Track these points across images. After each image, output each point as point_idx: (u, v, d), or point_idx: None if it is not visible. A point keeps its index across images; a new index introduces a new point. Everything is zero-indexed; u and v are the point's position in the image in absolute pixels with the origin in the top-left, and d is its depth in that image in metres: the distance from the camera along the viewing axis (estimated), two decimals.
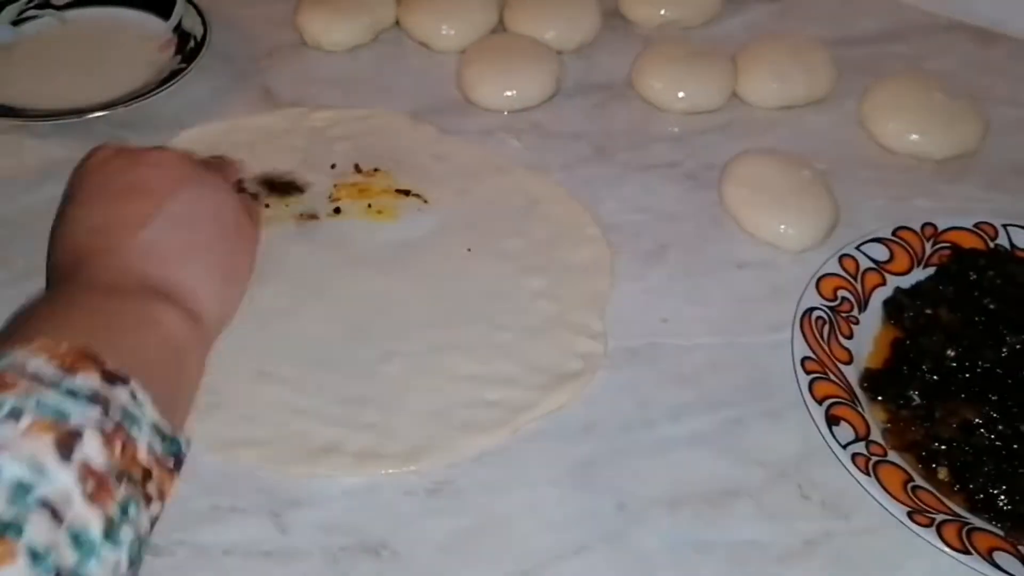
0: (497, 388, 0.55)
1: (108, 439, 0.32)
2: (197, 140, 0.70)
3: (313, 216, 0.64)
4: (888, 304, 0.60)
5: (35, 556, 0.28)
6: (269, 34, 0.82)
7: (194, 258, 0.44)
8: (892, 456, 0.51)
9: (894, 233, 0.63)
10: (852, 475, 0.50)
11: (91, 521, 0.30)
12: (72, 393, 0.32)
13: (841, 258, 0.61)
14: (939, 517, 0.48)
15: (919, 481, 0.50)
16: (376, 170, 0.68)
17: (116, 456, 0.32)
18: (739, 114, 0.76)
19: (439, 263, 0.62)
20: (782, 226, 0.65)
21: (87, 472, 0.30)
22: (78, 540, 0.29)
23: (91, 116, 0.70)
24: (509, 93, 0.75)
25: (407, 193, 0.66)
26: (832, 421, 0.52)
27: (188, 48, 0.76)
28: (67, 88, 0.74)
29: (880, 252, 0.62)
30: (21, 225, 0.63)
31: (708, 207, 0.68)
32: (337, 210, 0.65)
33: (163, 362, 0.40)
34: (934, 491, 0.50)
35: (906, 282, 0.61)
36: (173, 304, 0.41)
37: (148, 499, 0.33)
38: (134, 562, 0.31)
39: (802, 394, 0.53)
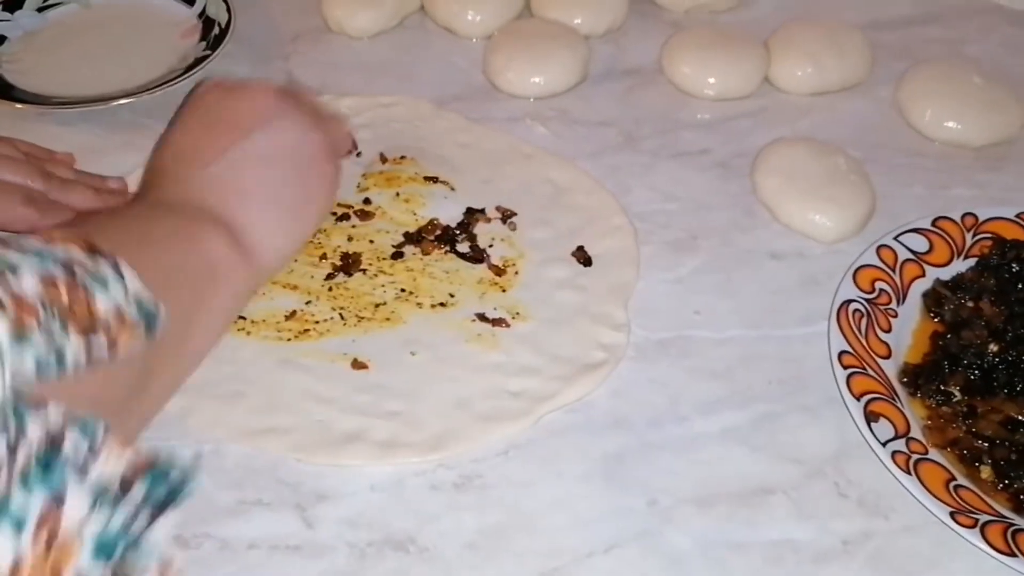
0: (519, 378, 0.54)
1: (50, 282, 0.31)
2: None
3: (346, 210, 0.63)
4: (928, 296, 0.58)
5: None
6: (293, 20, 0.81)
7: (259, 195, 0.45)
8: (933, 454, 0.50)
9: (933, 223, 0.61)
10: (892, 474, 0.48)
11: None
12: (39, 254, 0.32)
13: (879, 249, 0.59)
14: (983, 518, 0.47)
15: (961, 480, 0.49)
16: (403, 158, 0.67)
17: (56, 297, 0.31)
18: (771, 100, 0.74)
19: (463, 250, 0.62)
20: (816, 216, 0.63)
21: (8, 295, 0.30)
22: None
23: (116, 103, 0.69)
24: (536, 79, 0.73)
25: (435, 180, 0.65)
26: (871, 417, 0.51)
27: (213, 35, 0.75)
28: (92, 75, 0.73)
29: (919, 243, 0.60)
30: None
31: (740, 196, 0.67)
32: (367, 200, 0.64)
33: (191, 277, 0.41)
34: (977, 490, 0.49)
35: (946, 274, 0.59)
36: (223, 231, 0.43)
37: (89, 336, 0.32)
38: (42, 370, 0.30)
39: (839, 389, 0.52)
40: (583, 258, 0.61)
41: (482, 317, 0.57)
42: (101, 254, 0.34)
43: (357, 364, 0.55)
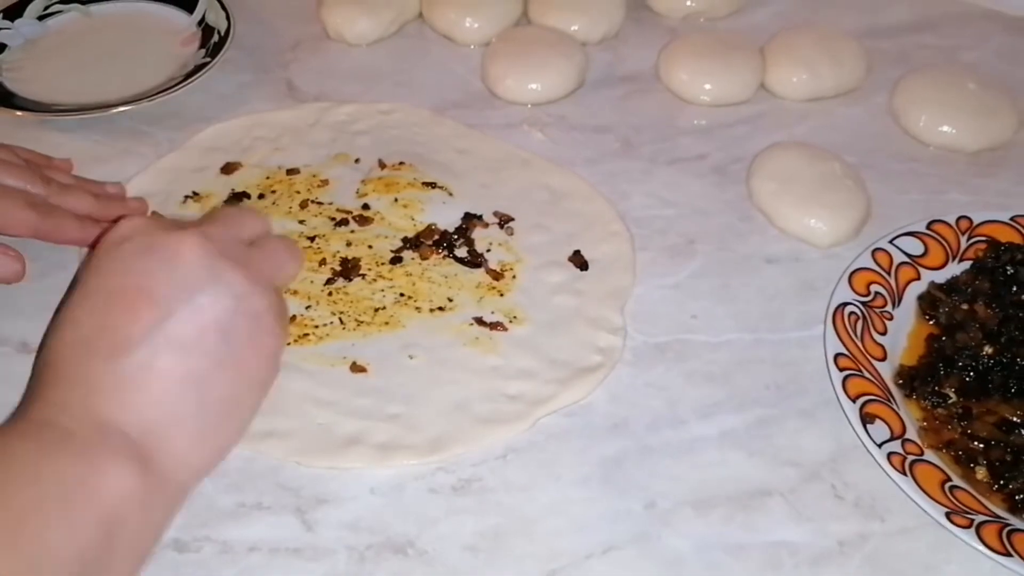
0: (517, 381, 0.55)
1: None
2: (222, 135, 0.70)
3: (345, 216, 0.64)
4: (923, 299, 0.59)
5: None
6: (292, 28, 0.81)
7: (180, 393, 0.37)
8: (928, 455, 0.50)
9: (928, 227, 0.62)
10: (888, 475, 0.49)
11: None
12: None
13: (874, 252, 0.60)
14: (978, 518, 0.47)
15: (957, 481, 0.49)
16: (401, 163, 0.67)
17: None
18: (767, 106, 0.75)
19: (461, 255, 0.62)
20: (812, 220, 0.63)
21: None
22: None
23: (116, 111, 0.70)
24: (533, 86, 0.74)
25: (433, 186, 0.66)
26: (867, 419, 0.51)
27: (212, 42, 0.76)
28: (92, 82, 0.74)
29: (914, 246, 0.61)
30: None
31: (736, 201, 0.67)
32: (366, 206, 0.65)
33: (87, 541, 0.34)
34: (972, 491, 0.49)
35: (941, 277, 0.60)
36: (129, 463, 0.36)
37: None
38: None
39: (835, 392, 0.52)
40: (580, 262, 0.61)
41: (480, 321, 0.58)
42: None
43: (356, 368, 0.55)
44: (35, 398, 0.38)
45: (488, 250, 0.62)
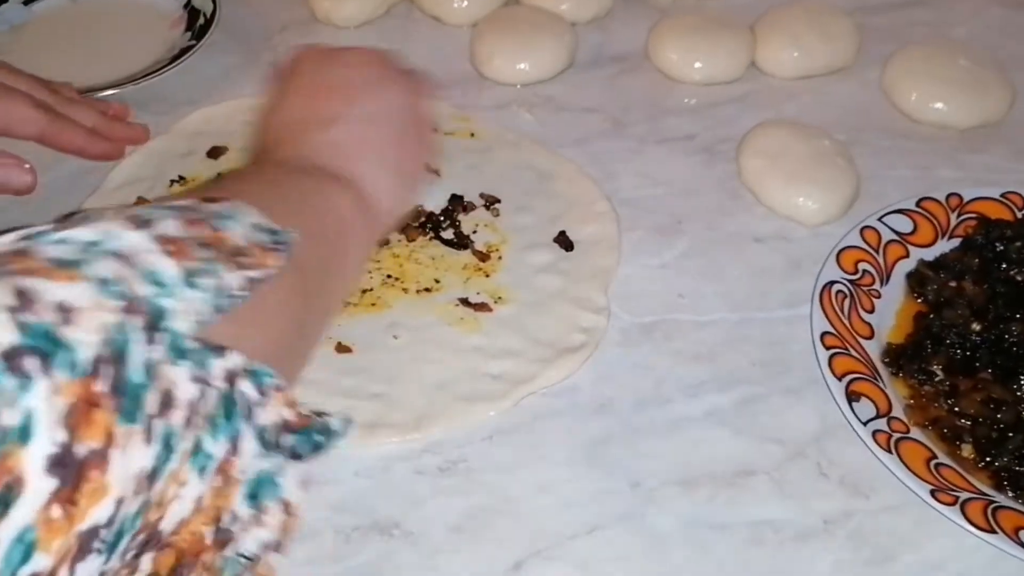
0: (500, 361, 0.55)
1: (187, 222, 0.32)
2: (209, 119, 0.70)
3: None
4: (911, 277, 0.58)
5: (103, 282, 0.27)
6: (280, 10, 0.81)
7: (372, 154, 0.47)
8: (915, 433, 0.50)
9: (918, 204, 0.61)
10: (873, 453, 0.49)
11: (166, 267, 0.30)
12: (167, 207, 0.33)
13: (862, 230, 0.59)
14: (963, 495, 0.47)
15: (943, 458, 0.49)
16: None
17: (196, 232, 0.32)
18: (757, 85, 0.74)
19: (447, 237, 0.62)
20: (801, 199, 0.63)
21: (163, 239, 0.30)
22: (153, 278, 0.29)
23: (102, 94, 0.69)
24: (522, 66, 0.73)
25: None
26: (852, 397, 0.51)
27: (198, 25, 0.75)
28: (78, 66, 0.73)
29: (903, 224, 0.60)
30: (37, 202, 0.63)
31: (725, 180, 0.67)
32: None
33: (327, 233, 0.42)
34: (958, 468, 0.49)
35: (930, 254, 0.59)
36: (348, 190, 0.44)
37: (240, 265, 0.32)
38: (220, 309, 0.31)
39: (821, 370, 0.52)
40: (565, 243, 0.61)
41: (465, 302, 0.58)
42: (217, 200, 0.35)
43: (341, 348, 0.55)
44: (267, 155, 0.46)
45: (474, 231, 0.62)
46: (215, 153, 0.67)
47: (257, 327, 0.34)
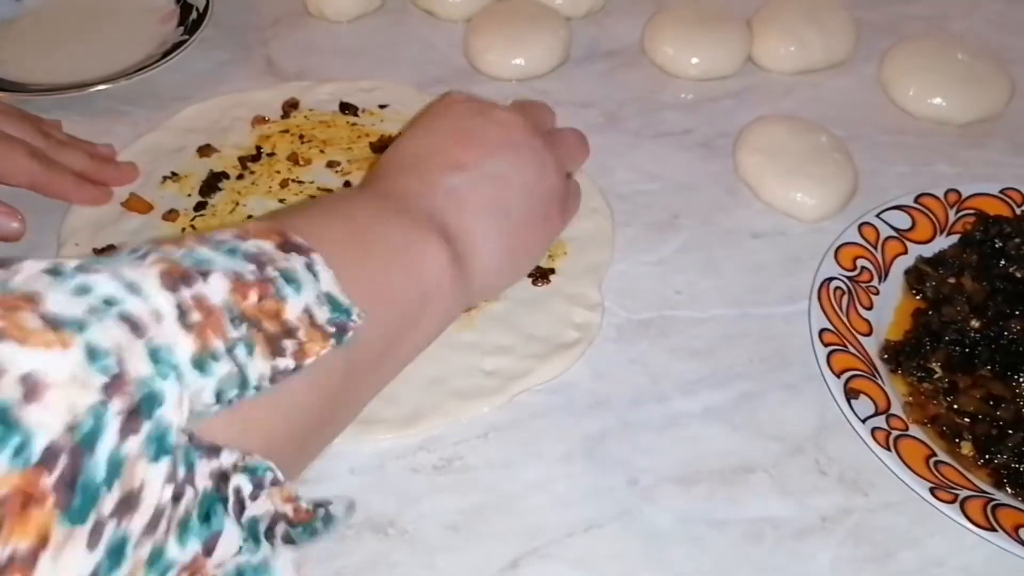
0: (493, 357, 0.54)
1: (240, 285, 0.29)
2: (201, 115, 0.69)
3: (326, 193, 0.63)
4: (910, 273, 0.58)
5: (93, 352, 0.24)
6: (272, 5, 0.80)
7: (491, 216, 0.43)
8: (913, 430, 0.50)
9: (916, 200, 0.61)
10: (872, 450, 0.48)
11: (179, 344, 0.27)
12: (232, 251, 0.30)
13: (860, 226, 0.59)
14: (963, 493, 0.46)
15: (942, 456, 0.49)
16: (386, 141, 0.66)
17: (245, 302, 0.29)
18: (754, 80, 0.74)
19: None
20: (798, 194, 0.63)
21: (196, 304, 0.28)
22: (156, 356, 0.26)
23: (93, 90, 0.69)
24: (517, 61, 0.73)
25: None
26: (851, 394, 0.50)
27: (190, 20, 0.75)
28: (69, 62, 0.73)
29: (901, 220, 0.60)
30: (25, 199, 0.62)
31: (722, 176, 0.66)
32: (347, 183, 0.64)
33: (403, 299, 0.39)
34: (957, 466, 0.48)
35: (929, 251, 0.59)
36: (446, 247, 0.40)
37: (276, 352, 0.29)
38: (224, 398, 0.27)
39: (819, 367, 0.52)
40: (539, 273, 0.58)
41: None
42: (296, 248, 0.32)
43: None
44: (378, 185, 0.44)
45: None
46: (206, 152, 0.66)
47: (270, 420, 0.31)
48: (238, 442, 0.28)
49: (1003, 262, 0.57)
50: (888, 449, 0.48)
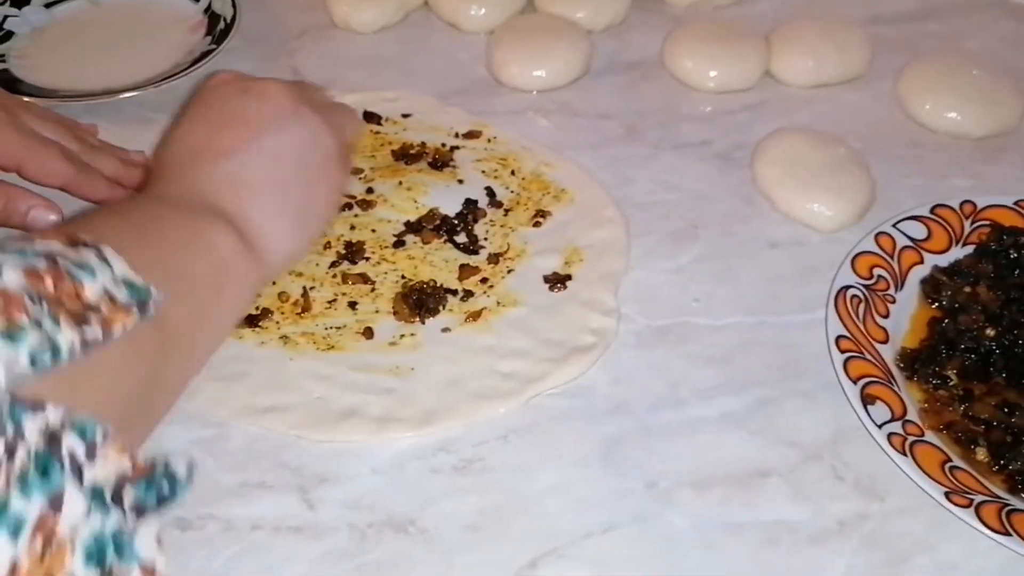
0: (510, 360, 0.55)
1: (34, 274, 0.31)
2: None
3: (349, 200, 0.64)
4: (925, 283, 0.59)
5: None
6: (298, 15, 0.82)
7: (269, 193, 0.45)
8: (929, 436, 0.50)
9: (932, 211, 0.62)
10: (888, 455, 0.49)
11: None
12: (21, 252, 0.32)
13: (877, 236, 0.60)
14: (978, 498, 0.47)
15: (957, 462, 0.49)
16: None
17: (43, 286, 0.31)
18: (772, 93, 0.75)
19: (460, 241, 0.63)
20: (816, 205, 0.63)
21: None
22: None
23: (121, 97, 0.70)
24: (538, 73, 0.74)
25: (440, 168, 0.66)
26: (867, 401, 0.51)
27: (218, 29, 0.76)
28: (98, 69, 0.74)
29: (917, 230, 0.61)
30: (58, 200, 0.64)
31: (740, 187, 0.67)
32: (370, 190, 0.65)
33: (198, 276, 0.40)
34: (973, 472, 0.49)
35: (944, 261, 0.60)
36: (231, 230, 0.42)
37: (82, 321, 0.31)
38: (39, 365, 0.29)
39: (836, 373, 0.52)
40: (557, 280, 0.60)
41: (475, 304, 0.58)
42: (84, 243, 0.34)
43: (368, 332, 0.57)
44: (157, 188, 0.44)
45: (486, 237, 0.63)
46: None
47: (96, 384, 0.32)
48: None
49: (1017, 272, 0.58)
50: (904, 454, 0.48)
